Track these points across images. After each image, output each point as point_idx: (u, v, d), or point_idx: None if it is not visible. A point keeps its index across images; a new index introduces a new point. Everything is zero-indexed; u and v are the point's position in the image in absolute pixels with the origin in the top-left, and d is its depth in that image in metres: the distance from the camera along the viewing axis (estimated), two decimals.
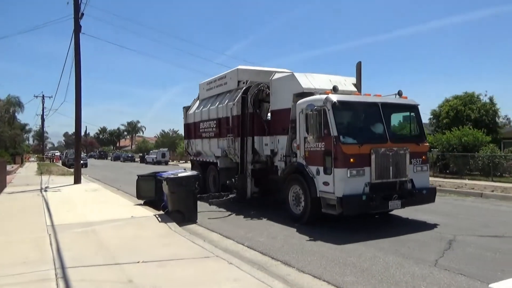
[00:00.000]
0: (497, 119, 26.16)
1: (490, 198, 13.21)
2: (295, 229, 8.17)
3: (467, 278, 5.17)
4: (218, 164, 12.23)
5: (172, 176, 9.34)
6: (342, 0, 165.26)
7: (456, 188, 14.99)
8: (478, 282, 5.01)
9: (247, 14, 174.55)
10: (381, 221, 8.70)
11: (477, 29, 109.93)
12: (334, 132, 7.79)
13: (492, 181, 17.83)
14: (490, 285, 2.31)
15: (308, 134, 8.22)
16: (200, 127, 13.87)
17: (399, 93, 9.11)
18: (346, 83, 9.86)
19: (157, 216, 9.20)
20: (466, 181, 17.68)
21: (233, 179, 11.01)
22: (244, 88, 11.10)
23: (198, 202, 9.58)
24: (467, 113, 24.67)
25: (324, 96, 8.15)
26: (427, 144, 9.28)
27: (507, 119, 38.71)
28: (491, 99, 25.94)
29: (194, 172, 10.21)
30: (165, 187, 9.34)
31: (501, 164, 19.54)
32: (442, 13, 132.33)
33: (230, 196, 10.71)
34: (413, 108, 9.16)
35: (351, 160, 7.64)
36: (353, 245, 6.82)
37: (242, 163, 10.94)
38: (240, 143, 11.00)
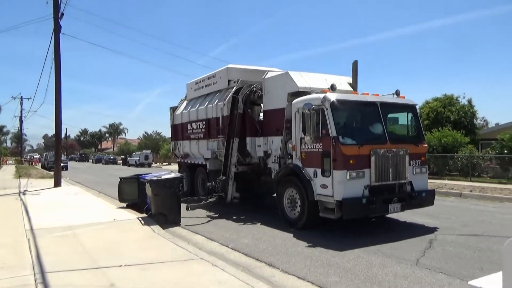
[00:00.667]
0: (475, 120, 26.88)
1: (469, 198, 13.54)
2: (280, 231, 8.18)
3: (447, 276, 5.28)
4: (208, 166, 12.00)
5: (156, 178, 9.24)
6: (323, 3, 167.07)
7: (436, 188, 15.21)
8: (458, 280, 5.13)
9: (230, 16, 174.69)
10: (362, 221, 8.78)
11: (456, 33, 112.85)
12: (333, 132, 7.50)
13: (471, 181, 18.29)
14: (469, 282, 2.35)
15: (304, 134, 7.93)
16: (188, 128, 13.68)
17: (397, 93, 8.86)
18: (342, 82, 9.57)
19: (140, 219, 9.09)
20: (446, 181, 18.08)
21: (213, 182, 10.69)
22: (235, 88, 10.81)
23: (182, 206, 9.49)
24: (447, 115, 25.25)
25: (322, 95, 7.86)
26: (426, 145, 9.08)
27: (485, 120, 39.78)
28: (469, 101, 26.64)
29: (178, 174, 10.12)
30: (148, 190, 9.23)
31: (479, 165, 20.09)
32: (423, 17, 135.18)
33: (210, 200, 10.31)
34: (412, 108, 8.96)
35: (351, 161, 7.36)
36: (336, 245, 6.86)
37: (226, 165, 10.67)
38: (226, 145, 10.77)
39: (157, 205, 8.99)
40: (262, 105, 10.58)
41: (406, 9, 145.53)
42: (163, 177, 9.30)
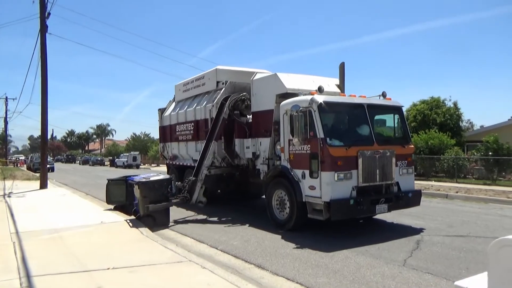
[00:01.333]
0: (460, 123, 27.31)
1: (455, 199, 13.75)
2: (268, 232, 8.19)
3: (434, 276, 5.36)
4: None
5: (144, 180, 9.18)
6: (312, 6, 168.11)
7: (423, 190, 15.42)
8: (444, 280, 5.20)
9: (220, 18, 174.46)
10: (350, 222, 8.85)
11: (443, 36, 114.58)
12: (320, 134, 7.54)
13: (457, 182, 18.59)
14: (455, 283, 2.39)
15: (293, 136, 7.96)
16: (177, 130, 13.62)
17: (383, 95, 8.95)
18: (330, 84, 9.62)
19: (128, 221, 9.01)
20: (433, 183, 18.33)
21: (181, 182, 10.59)
22: (223, 97, 10.75)
23: (173, 208, 9.43)
24: (433, 117, 25.61)
25: (309, 97, 7.89)
26: (412, 146, 9.19)
27: (470, 123, 40.47)
28: (455, 104, 27.10)
29: (167, 176, 10.06)
30: (136, 191, 9.16)
31: (464, 166, 20.44)
32: (410, 20, 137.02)
33: (173, 201, 9.83)
34: (398, 109, 9.03)
35: (338, 163, 7.41)
36: (325, 246, 6.90)
37: (199, 167, 10.49)
38: (204, 147, 10.65)
39: (145, 207, 8.91)
40: (248, 116, 10.54)
41: (393, 12, 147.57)
42: (151, 178, 9.25)
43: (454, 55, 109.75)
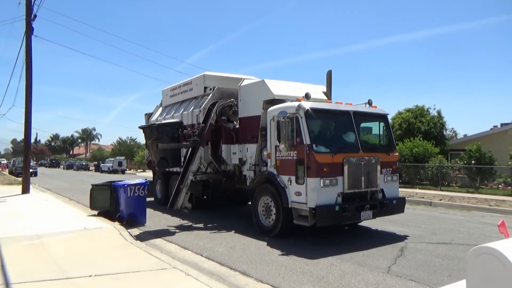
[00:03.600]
0: (444, 131, 27.80)
1: (439, 207, 13.95)
2: (254, 239, 8.17)
3: (417, 283, 5.42)
4: None
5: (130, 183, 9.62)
6: (301, 13, 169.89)
7: (408, 197, 15.63)
8: (428, 287, 5.27)
9: (208, 24, 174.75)
10: (335, 229, 8.91)
11: (428, 46, 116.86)
12: (307, 140, 7.58)
13: (441, 190, 18.89)
14: None
15: (279, 142, 7.98)
16: None
17: (369, 102, 9.05)
18: (316, 91, 9.68)
19: (112, 227, 8.88)
20: (417, 190, 18.58)
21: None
22: (211, 102, 10.75)
23: (159, 214, 9.39)
24: (418, 126, 26.01)
25: (296, 103, 7.93)
26: (397, 153, 9.29)
27: (454, 132, 41.17)
28: (438, 112, 27.56)
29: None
30: (122, 195, 9.50)
31: (448, 174, 20.79)
32: (395, 30, 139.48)
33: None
34: (383, 117, 9.14)
35: (324, 169, 7.45)
36: (310, 253, 6.92)
37: (184, 172, 10.29)
38: (190, 152, 10.54)
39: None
40: (235, 122, 10.56)
41: (380, 22, 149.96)
42: (132, 182, 9.85)
43: (439, 63, 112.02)
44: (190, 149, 10.55)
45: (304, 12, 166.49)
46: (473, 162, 19.40)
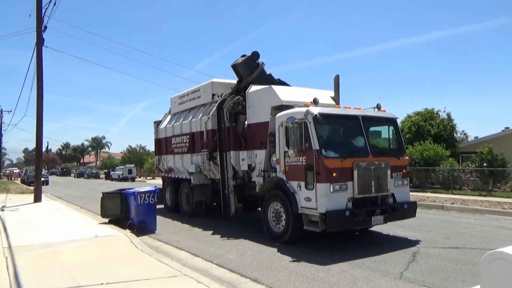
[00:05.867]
0: (455, 134, 27.50)
1: (451, 210, 13.77)
2: (264, 245, 8.14)
3: None
4: (192, 181, 11.91)
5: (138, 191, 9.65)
6: (307, 19, 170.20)
7: (419, 201, 15.47)
8: None
9: (215, 31, 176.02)
10: (346, 234, 8.83)
11: (437, 48, 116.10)
12: (316, 145, 7.55)
13: (452, 193, 18.64)
14: None
15: (288, 148, 7.95)
16: (172, 142, 13.62)
17: (378, 106, 8.99)
18: (325, 96, 9.68)
19: (122, 234, 8.93)
20: (428, 194, 18.37)
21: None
22: (218, 101, 10.79)
23: (169, 221, 9.44)
24: (428, 129, 25.78)
25: (305, 109, 7.92)
26: (407, 157, 9.22)
27: (465, 134, 40.67)
28: (448, 115, 27.31)
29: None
30: (132, 202, 9.62)
31: (459, 178, 20.51)
32: (404, 33, 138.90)
33: None
34: (392, 121, 9.08)
35: (334, 174, 7.41)
36: (321, 259, 6.87)
37: (223, 180, 10.52)
38: (220, 159, 10.64)
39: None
40: (246, 115, 10.56)
41: (387, 25, 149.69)
42: (142, 190, 10.04)
43: (448, 66, 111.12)
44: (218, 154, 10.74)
45: (310, 18, 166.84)
46: (485, 164, 19.14)
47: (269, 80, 10.77)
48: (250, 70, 10.72)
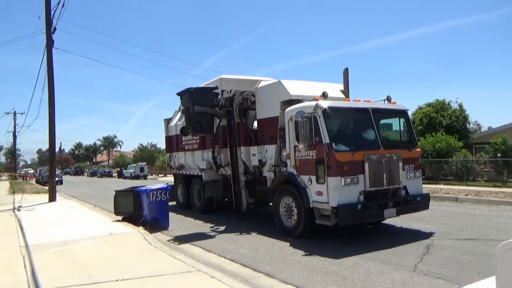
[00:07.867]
0: (467, 125, 27.11)
1: (465, 202, 13.60)
2: (276, 240, 8.16)
3: (445, 281, 5.29)
4: (203, 177, 11.98)
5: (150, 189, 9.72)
6: (313, 13, 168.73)
7: (432, 193, 15.30)
8: (456, 285, 5.13)
9: (222, 27, 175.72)
10: (359, 228, 8.79)
11: (447, 39, 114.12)
12: (326, 139, 7.53)
13: (466, 185, 18.41)
14: (464, 287, 2.37)
15: (298, 142, 7.94)
16: (183, 139, 13.68)
17: (388, 99, 8.92)
18: (334, 89, 9.60)
19: (136, 231, 9.03)
20: (441, 186, 18.17)
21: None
22: (228, 97, 10.86)
23: (181, 218, 9.53)
24: (439, 120, 25.46)
25: (314, 103, 7.87)
26: (419, 149, 9.13)
27: (477, 125, 40.09)
28: (460, 105, 26.93)
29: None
30: (145, 199, 9.70)
31: (473, 169, 20.24)
32: (413, 24, 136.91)
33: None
34: (403, 113, 8.99)
35: (345, 168, 7.40)
36: (334, 253, 6.86)
37: (235, 176, 10.65)
38: (230, 155, 10.76)
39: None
40: (256, 110, 10.58)
41: (396, 17, 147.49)
42: (154, 187, 10.13)
43: (459, 56, 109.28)
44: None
45: (313, 13, 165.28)
46: (499, 155, 18.84)
47: None
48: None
